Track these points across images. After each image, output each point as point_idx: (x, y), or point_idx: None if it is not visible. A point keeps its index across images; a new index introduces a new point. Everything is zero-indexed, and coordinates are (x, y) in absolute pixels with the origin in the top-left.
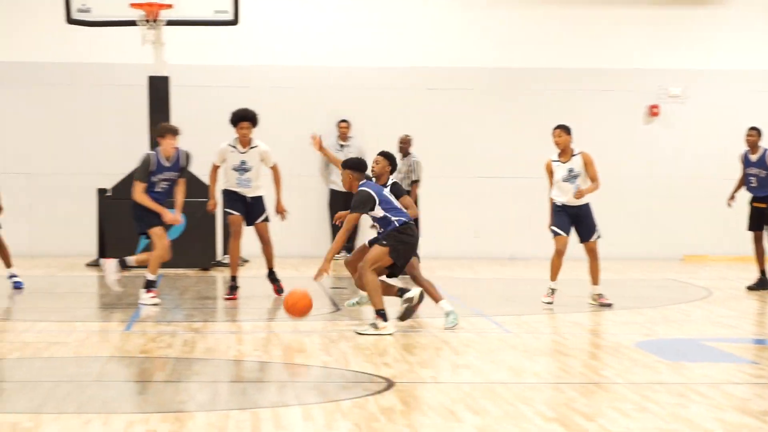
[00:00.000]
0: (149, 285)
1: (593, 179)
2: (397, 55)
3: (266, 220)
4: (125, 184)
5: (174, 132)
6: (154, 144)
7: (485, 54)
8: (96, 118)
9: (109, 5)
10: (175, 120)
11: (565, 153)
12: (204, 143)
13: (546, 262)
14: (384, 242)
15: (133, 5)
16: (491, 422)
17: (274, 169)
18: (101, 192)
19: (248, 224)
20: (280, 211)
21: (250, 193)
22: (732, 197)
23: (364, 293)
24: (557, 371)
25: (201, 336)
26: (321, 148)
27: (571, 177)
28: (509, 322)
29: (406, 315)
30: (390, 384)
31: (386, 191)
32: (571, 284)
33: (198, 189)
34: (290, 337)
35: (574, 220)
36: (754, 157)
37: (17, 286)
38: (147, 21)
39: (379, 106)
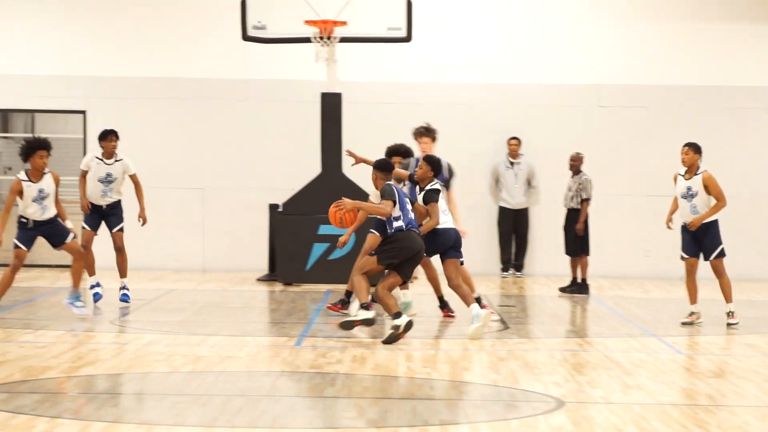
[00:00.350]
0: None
1: (717, 198)
2: (568, 72)
3: None
4: (296, 200)
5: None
6: (326, 160)
7: (658, 71)
8: (269, 133)
9: (284, 22)
10: (346, 137)
11: (690, 171)
12: (374, 157)
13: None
14: (374, 252)
15: (307, 22)
16: None
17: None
18: (273, 207)
19: None
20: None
21: None
22: None
23: (405, 300)
24: (731, 394)
25: (370, 352)
26: (357, 161)
27: (689, 195)
28: (681, 342)
29: (389, 340)
30: (560, 403)
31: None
32: (747, 305)
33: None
34: (459, 355)
35: (697, 238)
36: None
37: (96, 298)
38: (321, 38)
39: (550, 124)
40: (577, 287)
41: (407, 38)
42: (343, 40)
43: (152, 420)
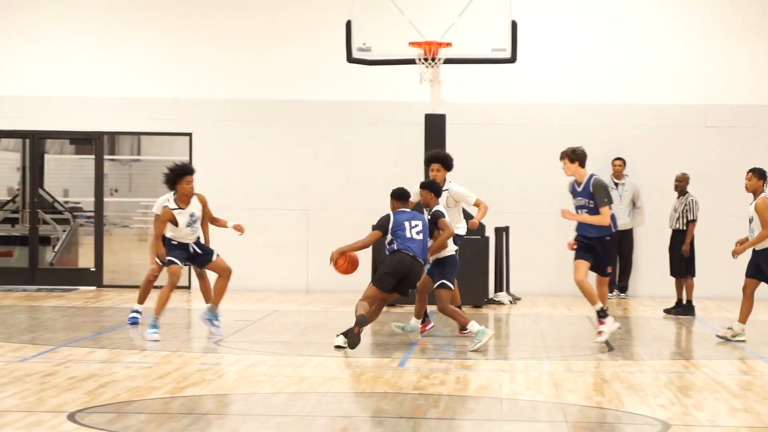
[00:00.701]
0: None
1: (762, 226)
2: (675, 92)
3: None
4: None
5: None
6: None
7: (766, 91)
8: (373, 155)
9: (389, 44)
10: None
11: (754, 197)
12: (479, 180)
13: None
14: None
15: (412, 44)
16: None
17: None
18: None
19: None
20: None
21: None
22: None
23: (411, 323)
24: None
25: (474, 373)
26: None
27: (749, 220)
28: None
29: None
30: (666, 426)
31: (416, 221)
32: None
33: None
34: (562, 376)
35: (756, 262)
36: None
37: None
38: (425, 59)
39: (655, 144)
40: (683, 309)
41: (512, 59)
42: (448, 61)
43: None
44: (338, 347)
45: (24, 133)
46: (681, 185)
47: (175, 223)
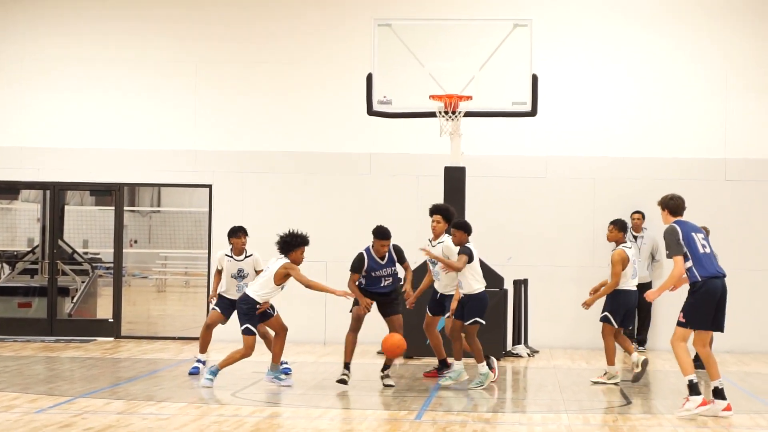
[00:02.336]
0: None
1: (612, 276)
2: (694, 145)
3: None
4: (420, 273)
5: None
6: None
7: None
8: (392, 207)
9: (409, 97)
10: (469, 210)
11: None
12: (499, 232)
13: None
14: None
15: (432, 97)
16: None
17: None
18: (395, 281)
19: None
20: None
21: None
22: None
23: (455, 367)
24: None
25: (491, 427)
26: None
27: None
28: None
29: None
30: None
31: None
32: None
33: (490, 277)
34: (581, 429)
35: None
36: None
37: (193, 371)
38: (446, 112)
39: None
40: (699, 362)
41: (532, 112)
42: (468, 114)
43: None
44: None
45: (44, 185)
46: None
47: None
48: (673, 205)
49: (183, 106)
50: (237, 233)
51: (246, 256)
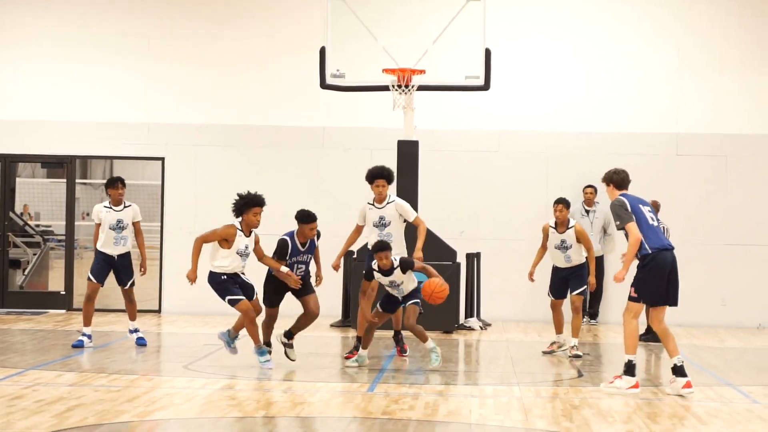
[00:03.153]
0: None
1: (589, 248)
2: (647, 120)
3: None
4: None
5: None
6: None
7: (738, 121)
8: (345, 180)
9: (362, 70)
10: (423, 184)
11: (565, 226)
12: (451, 206)
13: None
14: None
15: (386, 71)
16: None
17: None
18: (347, 254)
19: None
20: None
21: None
22: None
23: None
24: None
25: (443, 399)
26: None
27: (567, 248)
28: (758, 392)
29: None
30: None
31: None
32: None
33: (442, 251)
34: (532, 402)
35: None
36: None
37: (140, 342)
38: (399, 86)
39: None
40: (653, 335)
41: (485, 86)
42: (421, 88)
43: None
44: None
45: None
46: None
47: (229, 245)
48: (618, 179)
49: (135, 80)
50: (114, 183)
51: (125, 207)
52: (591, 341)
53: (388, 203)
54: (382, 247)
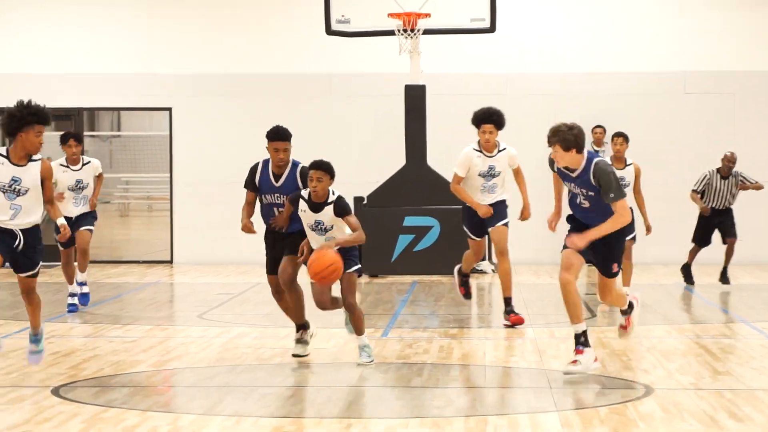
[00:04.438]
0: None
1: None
2: (654, 59)
3: (506, 225)
4: (381, 192)
5: None
6: (410, 152)
7: (745, 57)
8: (352, 126)
9: (368, 15)
10: (430, 128)
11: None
12: (457, 149)
13: None
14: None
15: (391, 15)
16: (755, 429)
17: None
18: (358, 200)
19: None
20: (527, 216)
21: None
22: None
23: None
24: None
25: (457, 342)
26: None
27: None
28: None
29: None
30: (649, 390)
31: None
32: None
33: (452, 195)
34: (546, 343)
35: None
36: None
37: (83, 301)
38: (404, 30)
39: (634, 112)
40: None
41: (491, 29)
42: (427, 32)
43: (241, 412)
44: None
45: (2, 111)
46: (731, 165)
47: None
48: (582, 141)
49: (140, 30)
50: (66, 140)
51: (83, 164)
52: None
53: (499, 151)
54: (320, 165)
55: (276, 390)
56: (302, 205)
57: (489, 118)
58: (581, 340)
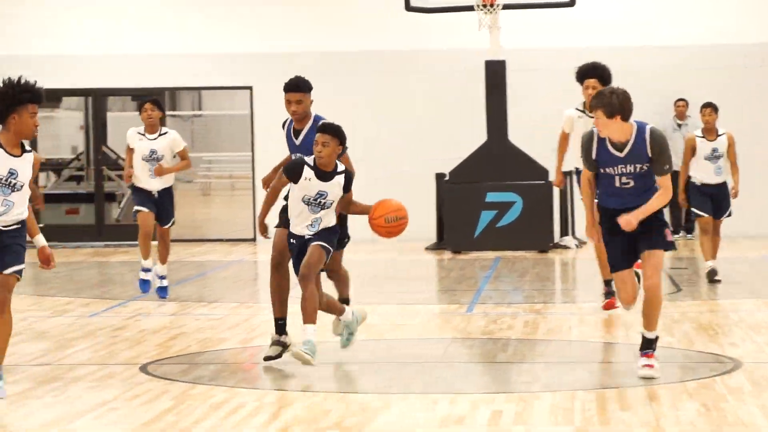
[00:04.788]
0: None
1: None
2: (734, 31)
3: None
4: (463, 168)
5: None
6: (491, 128)
7: None
8: (433, 103)
9: None
10: (511, 103)
11: (716, 133)
12: (542, 126)
13: None
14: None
15: None
16: None
17: None
18: (439, 177)
19: None
20: None
21: None
22: None
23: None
24: None
25: (542, 317)
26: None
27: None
28: None
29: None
30: (737, 364)
31: None
32: None
33: (534, 170)
34: (632, 318)
35: None
36: None
37: (161, 294)
38: (484, 5)
39: (717, 86)
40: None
41: (570, 2)
42: (506, 6)
43: (327, 388)
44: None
45: (86, 91)
46: None
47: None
48: (627, 106)
49: (221, 9)
50: (143, 105)
51: (160, 134)
52: (687, 255)
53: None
54: (326, 127)
55: (360, 366)
56: (307, 173)
57: (593, 72)
58: (653, 346)
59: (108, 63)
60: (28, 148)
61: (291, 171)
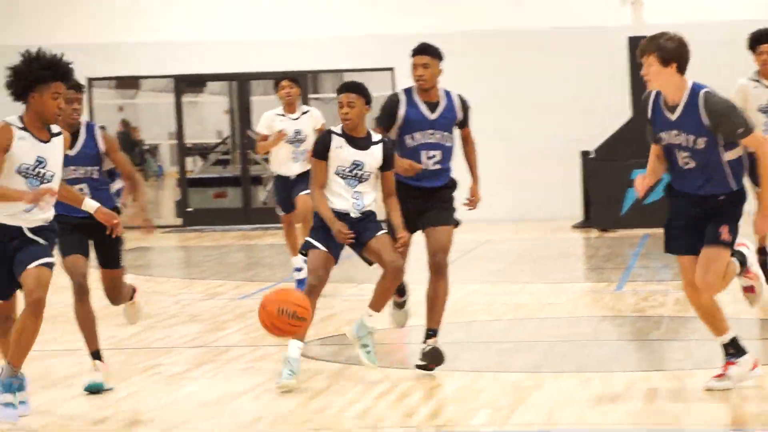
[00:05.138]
0: None
1: None
2: None
3: None
4: (608, 146)
5: None
6: (636, 104)
7: None
8: (576, 80)
9: None
10: None
11: None
12: None
13: None
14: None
15: None
16: None
17: None
18: (584, 154)
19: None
20: None
21: None
22: None
23: None
24: None
25: None
26: None
27: None
28: None
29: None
30: None
31: None
32: None
33: None
34: None
35: None
36: None
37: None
38: None
39: None
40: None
41: None
42: None
43: (479, 367)
44: None
45: (230, 76)
46: None
47: None
48: (685, 55)
49: None
50: (279, 82)
51: (302, 113)
52: None
53: None
54: (349, 86)
55: (512, 345)
56: (336, 141)
57: (765, 38)
58: (730, 351)
59: (251, 48)
60: (57, 130)
61: (317, 148)
